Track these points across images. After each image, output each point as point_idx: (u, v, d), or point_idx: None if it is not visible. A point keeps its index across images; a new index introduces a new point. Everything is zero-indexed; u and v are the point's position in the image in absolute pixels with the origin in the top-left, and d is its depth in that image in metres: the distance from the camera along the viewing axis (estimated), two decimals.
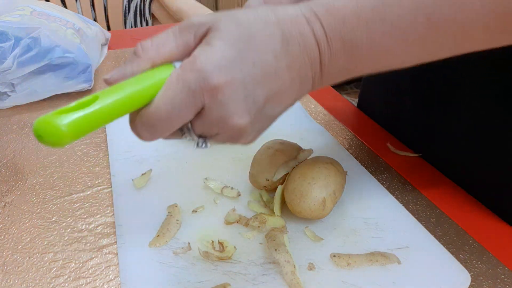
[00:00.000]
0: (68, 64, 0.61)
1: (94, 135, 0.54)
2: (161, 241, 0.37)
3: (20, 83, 0.59)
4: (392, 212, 0.42)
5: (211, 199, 0.43)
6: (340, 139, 0.55)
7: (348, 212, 0.41)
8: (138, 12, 1.44)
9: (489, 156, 0.44)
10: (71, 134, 0.22)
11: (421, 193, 0.46)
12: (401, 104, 0.55)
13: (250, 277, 0.34)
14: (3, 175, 0.47)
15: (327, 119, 0.60)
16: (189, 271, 0.35)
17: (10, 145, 0.52)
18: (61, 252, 0.37)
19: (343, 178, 0.40)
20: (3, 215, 0.41)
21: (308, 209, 0.37)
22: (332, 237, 0.38)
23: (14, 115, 0.59)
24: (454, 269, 0.35)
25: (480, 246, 0.39)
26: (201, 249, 0.36)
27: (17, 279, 0.35)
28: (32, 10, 0.63)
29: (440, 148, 0.49)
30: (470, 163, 0.46)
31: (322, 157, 0.40)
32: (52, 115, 0.22)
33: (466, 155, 0.46)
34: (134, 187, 0.44)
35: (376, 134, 0.57)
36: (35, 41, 0.58)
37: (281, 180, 0.41)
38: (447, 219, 0.42)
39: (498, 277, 0.36)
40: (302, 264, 0.35)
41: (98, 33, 0.73)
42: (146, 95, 0.25)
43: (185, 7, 1.27)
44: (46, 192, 0.44)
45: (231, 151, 0.51)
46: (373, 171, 0.49)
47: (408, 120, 0.54)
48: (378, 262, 0.36)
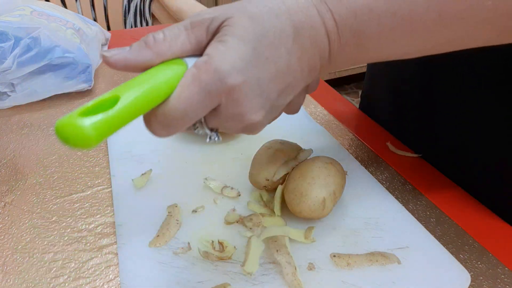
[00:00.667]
0: (68, 64, 0.61)
1: None
2: (161, 241, 0.37)
3: (20, 83, 0.59)
4: (392, 212, 0.42)
5: (211, 199, 0.43)
6: (340, 139, 0.55)
7: (348, 212, 0.41)
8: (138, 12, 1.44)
9: (489, 156, 0.44)
10: (98, 136, 0.22)
11: (421, 193, 0.46)
12: (402, 104, 0.55)
13: (250, 277, 0.34)
14: (3, 175, 0.47)
15: (327, 119, 0.60)
16: (189, 271, 0.35)
17: (10, 145, 0.52)
18: (61, 252, 0.37)
19: (343, 178, 0.40)
20: (3, 215, 0.41)
21: (308, 209, 0.37)
22: (332, 237, 0.38)
23: (14, 115, 0.59)
24: (454, 269, 0.35)
25: (480, 246, 0.39)
26: (201, 249, 0.36)
27: (17, 279, 0.35)
28: (32, 10, 0.63)
29: (440, 148, 0.49)
30: (470, 163, 0.46)
31: (322, 157, 0.40)
32: (76, 117, 0.21)
33: (466, 155, 0.46)
34: (134, 187, 0.44)
35: (376, 134, 0.57)
36: (35, 41, 0.58)
37: (281, 180, 0.41)
38: (447, 219, 0.42)
39: (498, 277, 0.36)
40: (302, 264, 0.35)
41: (98, 33, 0.73)
42: (161, 93, 0.25)
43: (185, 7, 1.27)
44: (46, 192, 0.44)
45: (231, 151, 0.51)
46: (373, 171, 0.49)
47: (409, 120, 0.54)
48: (378, 262, 0.36)
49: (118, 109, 0.22)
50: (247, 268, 0.34)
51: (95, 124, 0.21)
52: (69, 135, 0.21)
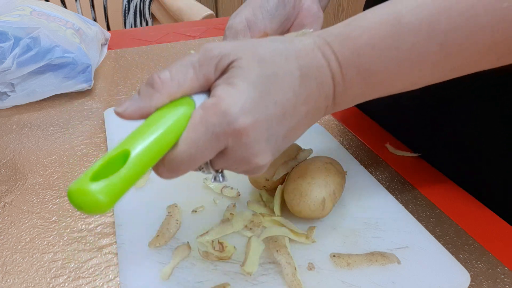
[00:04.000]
0: (68, 64, 0.61)
1: (94, 135, 0.54)
2: (161, 241, 0.37)
3: (20, 83, 0.59)
4: (392, 212, 0.42)
5: (211, 199, 0.43)
6: (340, 139, 0.55)
7: (348, 212, 0.41)
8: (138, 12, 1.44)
9: (489, 156, 0.44)
10: (111, 201, 0.21)
11: (421, 193, 0.46)
12: (401, 104, 0.55)
13: (250, 277, 0.34)
14: (3, 175, 0.47)
15: (327, 119, 0.60)
16: (189, 271, 0.35)
17: (10, 145, 0.52)
18: (60, 252, 0.37)
19: (343, 178, 0.40)
20: (3, 215, 0.41)
21: (308, 209, 0.37)
22: (332, 237, 0.38)
23: (13, 115, 0.59)
24: (453, 269, 0.36)
25: (480, 246, 0.39)
26: (201, 249, 0.36)
27: (17, 279, 0.35)
28: (31, 10, 0.63)
29: (440, 148, 0.49)
30: (470, 163, 0.46)
31: (322, 157, 0.40)
32: (87, 182, 0.21)
33: (466, 155, 0.46)
34: (134, 187, 0.44)
35: (376, 134, 0.57)
36: (35, 41, 0.58)
37: (281, 180, 0.41)
38: (447, 219, 0.42)
39: (498, 277, 0.36)
40: (302, 264, 0.35)
41: (98, 33, 0.73)
42: (171, 139, 0.24)
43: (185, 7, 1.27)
44: (46, 192, 0.44)
45: None
46: (373, 171, 0.49)
47: (408, 120, 0.54)
48: (378, 262, 0.36)
49: (129, 167, 0.22)
50: (246, 268, 0.34)
51: (107, 189, 0.21)
52: (82, 202, 0.21)
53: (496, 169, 0.44)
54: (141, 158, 0.22)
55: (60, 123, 0.57)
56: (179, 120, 0.25)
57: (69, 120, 0.58)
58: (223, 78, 0.26)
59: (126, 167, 0.22)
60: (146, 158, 0.23)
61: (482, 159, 0.45)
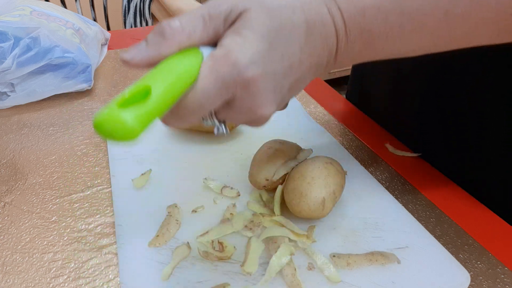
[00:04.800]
0: (68, 64, 0.61)
1: (94, 135, 0.54)
2: (161, 241, 0.37)
3: (20, 83, 0.59)
4: (392, 212, 0.42)
5: (211, 199, 0.43)
6: (340, 139, 0.55)
7: (348, 212, 0.41)
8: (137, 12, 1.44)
9: (489, 156, 0.44)
10: (141, 128, 0.21)
11: (420, 193, 0.46)
12: (401, 104, 0.55)
13: (250, 277, 0.34)
14: (3, 175, 0.47)
15: (327, 119, 0.60)
16: (189, 271, 0.35)
17: (10, 145, 0.52)
18: (60, 252, 0.37)
19: (343, 178, 0.40)
20: (3, 215, 0.41)
21: (307, 209, 0.37)
22: (332, 237, 0.38)
23: (13, 115, 0.59)
24: (453, 269, 0.35)
25: (480, 246, 0.39)
26: (201, 249, 0.36)
27: (17, 279, 0.35)
28: (31, 10, 0.63)
29: (440, 148, 0.49)
30: (470, 163, 0.46)
31: (322, 157, 0.40)
32: (117, 110, 0.21)
33: (466, 155, 0.46)
34: (133, 187, 0.44)
35: (376, 134, 0.57)
36: (35, 41, 0.58)
37: (281, 180, 0.41)
38: (447, 219, 0.42)
39: (498, 277, 0.36)
40: (302, 264, 0.35)
41: (98, 33, 0.73)
42: (185, 83, 0.24)
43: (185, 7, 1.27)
44: (46, 192, 0.44)
45: (231, 151, 0.51)
46: (373, 171, 0.49)
47: (408, 120, 0.54)
48: (378, 262, 0.36)
49: (153, 100, 0.22)
50: (246, 268, 0.34)
51: (137, 117, 0.21)
52: (113, 130, 0.21)
53: (496, 169, 0.44)
54: (163, 93, 0.23)
55: (60, 123, 0.57)
56: (189, 69, 0.25)
57: (69, 120, 0.58)
58: (232, 29, 0.26)
59: (151, 99, 0.22)
60: (166, 95, 0.23)
61: (482, 159, 0.45)
